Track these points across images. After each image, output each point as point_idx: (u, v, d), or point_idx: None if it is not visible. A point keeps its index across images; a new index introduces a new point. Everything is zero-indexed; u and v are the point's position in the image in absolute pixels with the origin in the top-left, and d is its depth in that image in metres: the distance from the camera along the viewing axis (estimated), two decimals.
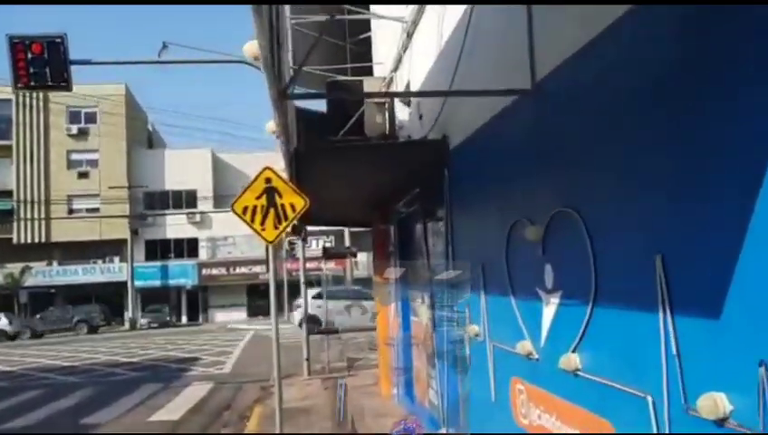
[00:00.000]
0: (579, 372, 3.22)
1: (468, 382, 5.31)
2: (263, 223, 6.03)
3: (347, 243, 41.48)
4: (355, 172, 6.81)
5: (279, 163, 8.05)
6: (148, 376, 15.71)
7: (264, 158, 16.62)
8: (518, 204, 4.07)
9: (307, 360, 13.32)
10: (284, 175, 6.54)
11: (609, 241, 2.95)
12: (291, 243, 28.45)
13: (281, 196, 6.04)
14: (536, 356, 3.81)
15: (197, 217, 41.81)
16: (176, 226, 41.82)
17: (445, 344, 6.15)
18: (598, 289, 3.03)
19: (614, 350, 2.94)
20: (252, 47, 7.64)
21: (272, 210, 6.02)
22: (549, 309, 3.58)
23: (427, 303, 7.24)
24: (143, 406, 11.96)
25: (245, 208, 6.02)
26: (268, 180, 6.05)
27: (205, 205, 42.25)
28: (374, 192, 8.55)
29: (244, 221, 6.05)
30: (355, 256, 14.68)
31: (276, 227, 6.06)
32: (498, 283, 4.46)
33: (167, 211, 41.88)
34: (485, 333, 4.74)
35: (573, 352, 3.26)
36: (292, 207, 6.08)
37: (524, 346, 3.89)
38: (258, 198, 6.02)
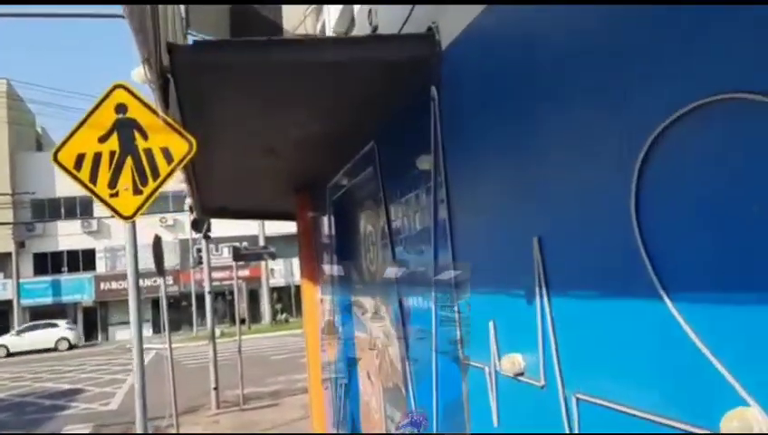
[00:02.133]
0: None
1: None
2: (112, 184, 3.38)
3: None
4: (273, 108, 4.24)
5: None
6: (6, 419, 12.38)
7: None
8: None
9: (215, 389, 10.54)
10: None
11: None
12: (199, 250, 25.38)
13: (145, 135, 3.39)
14: None
15: (94, 226, 37.69)
16: (69, 236, 37.55)
17: (433, 378, 3.72)
18: None
19: None
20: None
21: (128, 161, 3.38)
22: None
23: (390, 315, 4.80)
24: None
25: (80, 158, 3.36)
26: (121, 108, 3.40)
27: (102, 212, 38.15)
28: (301, 157, 6.02)
29: (77, 181, 3.38)
30: (273, 257, 11.85)
31: (138, 192, 3.41)
32: (588, 271, 2.13)
33: (58, 220, 37.47)
34: (555, 373, 2.33)
35: None
36: (167, 154, 3.44)
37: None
38: (103, 139, 3.37)
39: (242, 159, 6.23)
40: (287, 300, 39.77)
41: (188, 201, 8.97)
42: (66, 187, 37.04)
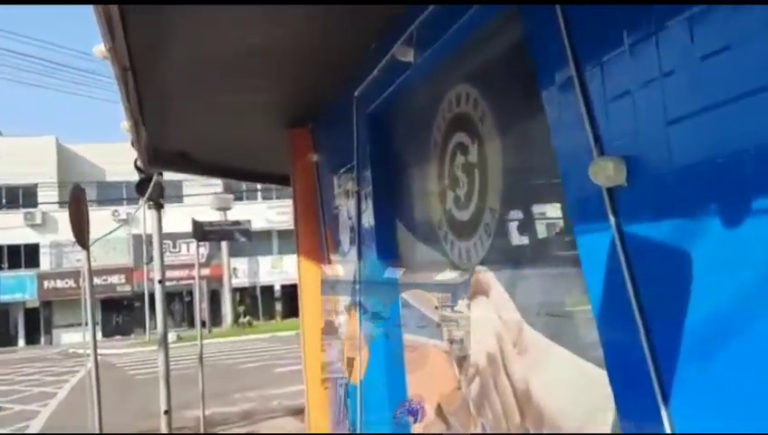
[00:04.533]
0: None
1: None
2: None
3: (224, 252, 35.58)
4: None
5: None
6: None
7: (129, 149, 9.91)
8: None
9: (167, 412, 7.91)
10: None
11: None
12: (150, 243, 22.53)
13: None
14: None
15: (38, 219, 34.25)
16: (9, 229, 33.97)
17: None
18: None
19: None
20: None
21: None
22: None
23: (521, 305, 2.36)
24: None
25: None
26: None
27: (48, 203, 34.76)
28: (298, 57, 3.61)
29: None
30: (249, 236, 9.17)
31: None
32: None
33: None
34: None
35: None
36: None
37: None
38: None
39: (209, 69, 3.82)
40: (251, 302, 36.89)
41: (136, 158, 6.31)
42: (7, 175, 33.59)
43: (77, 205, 5.39)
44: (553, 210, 2.27)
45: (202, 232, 8.33)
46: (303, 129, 5.24)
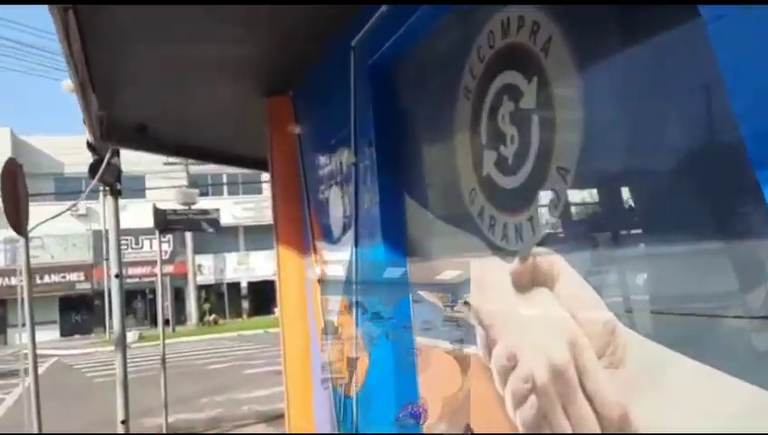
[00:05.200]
0: None
1: None
2: None
3: (188, 248, 34.38)
4: None
5: None
6: None
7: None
8: None
9: (124, 422, 7.05)
10: None
11: None
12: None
13: None
14: None
15: None
16: None
17: None
18: None
19: None
20: None
21: None
22: None
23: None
24: None
25: None
26: None
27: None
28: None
29: None
30: (217, 227, 8.32)
31: None
32: None
33: None
34: None
35: None
36: None
37: None
38: None
39: (171, 15, 3.04)
40: (217, 300, 35.79)
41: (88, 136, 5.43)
42: None
43: (12, 182, 4.55)
44: (683, 163, 1.57)
45: (165, 221, 7.47)
46: (283, 96, 4.48)
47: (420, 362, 2.90)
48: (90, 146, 5.87)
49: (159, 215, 7.43)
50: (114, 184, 6.29)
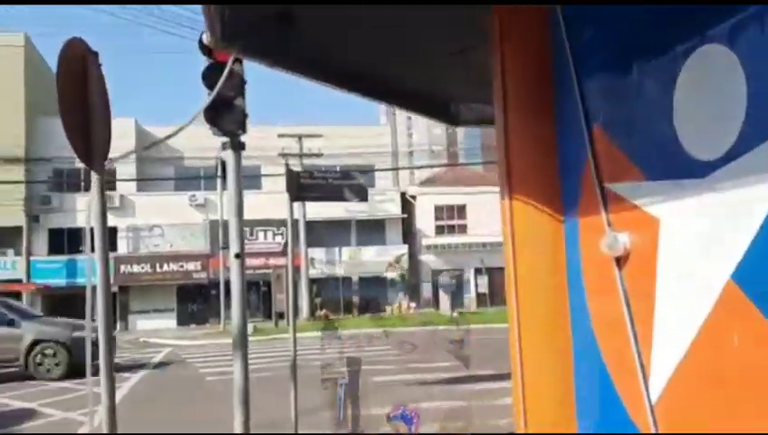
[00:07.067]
0: None
1: None
2: None
3: (301, 240, 33.46)
4: None
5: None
6: None
7: (206, 134, 6.88)
8: None
9: None
10: None
11: None
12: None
13: None
14: None
15: (116, 201, 33.31)
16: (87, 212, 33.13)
17: None
18: None
19: None
20: None
21: None
22: None
23: None
24: None
25: None
26: None
27: (127, 186, 33.80)
28: None
29: None
30: (365, 196, 6.52)
31: None
32: None
33: (77, 193, 33.16)
34: None
35: None
36: None
37: None
38: None
39: None
40: (328, 295, 34.90)
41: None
42: None
43: (80, 80, 2.80)
44: None
45: (298, 185, 5.88)
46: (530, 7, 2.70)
47: None
48: (202, 46, 4.39)
49: (292, 178, 5.85)
50: (236, 129, 4.78)
